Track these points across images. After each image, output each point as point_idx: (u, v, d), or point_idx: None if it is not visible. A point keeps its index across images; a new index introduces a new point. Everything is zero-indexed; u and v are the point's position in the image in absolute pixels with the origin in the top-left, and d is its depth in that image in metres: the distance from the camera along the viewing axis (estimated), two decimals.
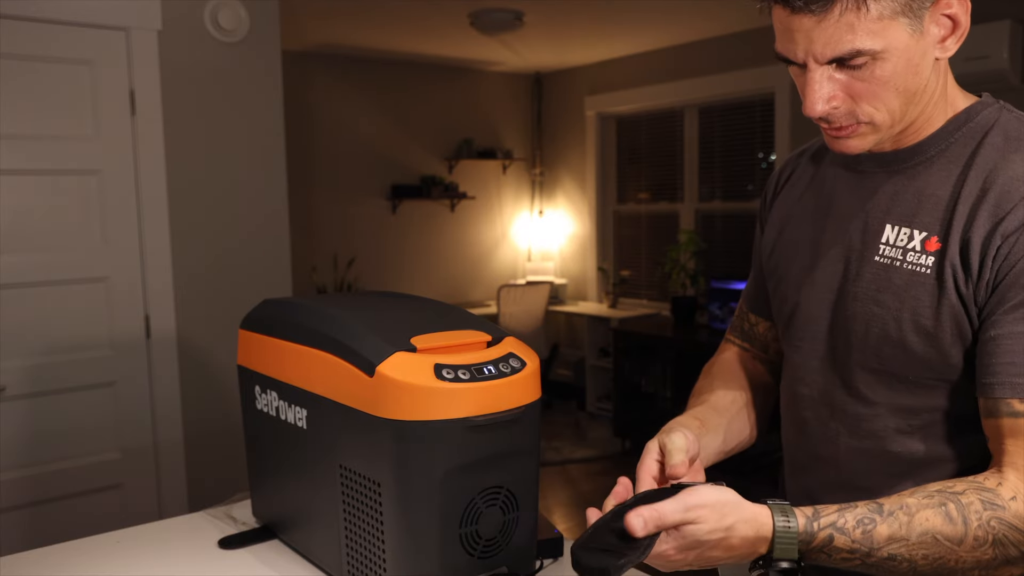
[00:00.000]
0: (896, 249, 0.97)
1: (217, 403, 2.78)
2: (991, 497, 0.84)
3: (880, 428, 1.00)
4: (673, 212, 5.55)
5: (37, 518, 2.50)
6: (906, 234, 0.97)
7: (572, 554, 0.83)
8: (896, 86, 0.90)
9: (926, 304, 0.94)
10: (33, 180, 2.46)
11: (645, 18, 4.57)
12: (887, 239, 0.99)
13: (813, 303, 1.06)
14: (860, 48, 0.87)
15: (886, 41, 0.87)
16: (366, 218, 5.60)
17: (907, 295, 0.95)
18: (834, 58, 0.89)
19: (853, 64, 0.89)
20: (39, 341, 2.49)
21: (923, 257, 0.95)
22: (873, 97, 0.91)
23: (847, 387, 1.03)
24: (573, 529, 3.90)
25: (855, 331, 1.00)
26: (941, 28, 0.90)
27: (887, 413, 0.99)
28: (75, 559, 1.30)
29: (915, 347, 0.95)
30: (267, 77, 2.87)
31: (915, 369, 0.96)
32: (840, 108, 0.92)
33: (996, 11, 3.43)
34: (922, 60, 0.90)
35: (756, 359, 1.26)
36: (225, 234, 2.81)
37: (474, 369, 1.03)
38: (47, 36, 2.44)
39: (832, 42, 0.88)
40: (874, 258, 0.99)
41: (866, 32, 0.86)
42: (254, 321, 1.32)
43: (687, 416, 1.12)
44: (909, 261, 0.96)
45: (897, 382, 0.98)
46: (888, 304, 0.97)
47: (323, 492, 1.15)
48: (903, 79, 0.90)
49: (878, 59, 0.88)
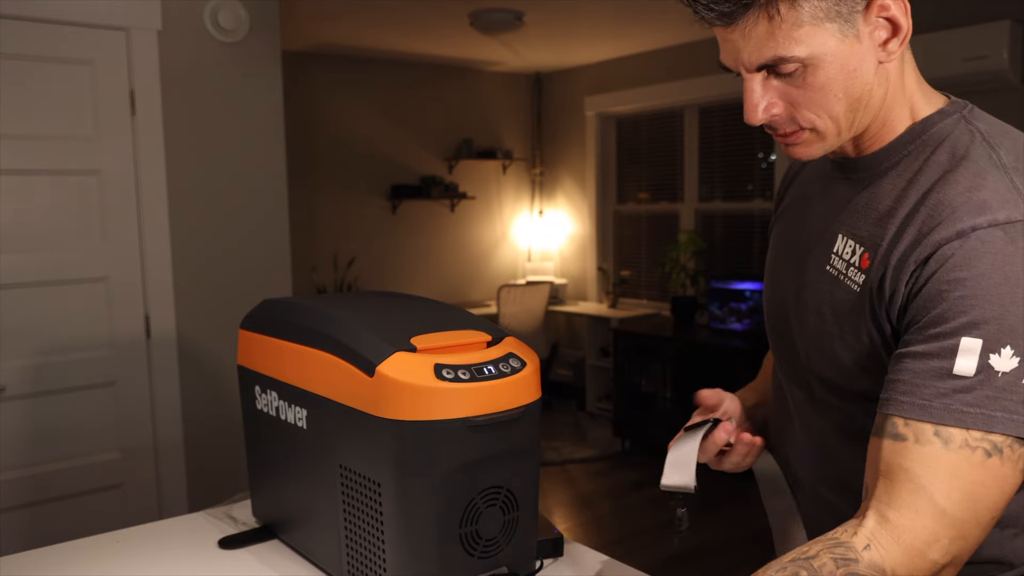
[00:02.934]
0: (842, 262, 0.95)
1: (217, 403, 2.78)
2: (844, 552, 0.80)
3: (829, 428, 1.01)
4: (673, 212, 5.55)
5: (37, 518, 2.50)
6: (851, 247, 0.94)
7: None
8: (834, 92, 0.87)
9: (853, 325, 0.92)
10: (33, 180, 2.46)
11: (645, 18, 4.58)
12: (837, 250, 0.96)
13: (778, 303, 1.08)
14: (782, 55, 0.85)
15: (811, 48, 0.84)
16: (366, 218, 5.60)
17: (841, 311, 0.94)
18: (761, 65, 0.87)
19: (783, 71, 0.87)
20: (39, 341, 2.49)
21: (858, 274, 0.92)
22: (811, 104, 0.89)
23: (800, 386, 1.05)
24: (573, 529, 3.90)
25: (802, 338, 1.01)
26: (881, 31, 0.87)
27: (832, 416, 1.00)
28: (75, 559, 1.30)
29: (848, 363, 0.94)
30: (267, 77, 2.87)
31: (854, 383, 0.95)
32: (780, 115, 0.90)
33: (996, 11, 3.43)
34: (860, 65, 0.87)
35: None
36: (225, 234, 2.81)
37: (474, 369, 1.03)
38: (47, 36, 2.44)
39: (755, 51, 0.86)
40: (825, 267, 0.98)
41: (787, 39, 0.84)
42: (254, 321, 1.32)
43: (743, 391, 1.22)
44: (849, 276, 0.94)
45: (842, 392, 0.97)
46: (827, 318, 0.96)
47: (323, 492, 1.15)
48: (840, 85, 0.87)
49: (809, 65, 0.86)
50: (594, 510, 4.19)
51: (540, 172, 6.42)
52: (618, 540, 3.79)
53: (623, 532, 3.90)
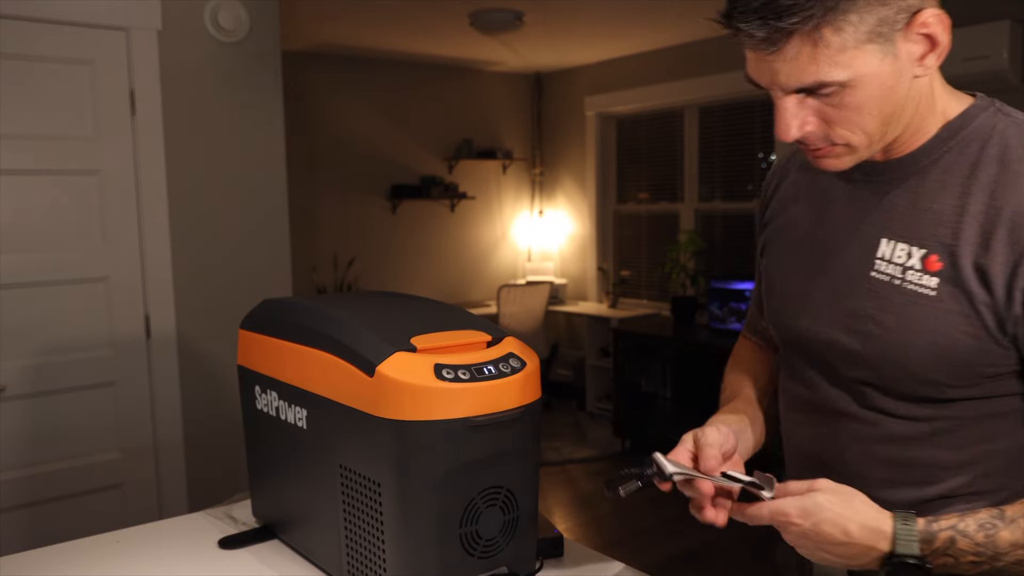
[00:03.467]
0: (893, 266, 0.94)
1: (217, 403, 2.78)
2: None
3: (887, 435, 0.98)
4: (673, 212, 5.55)
5: (37, 518, 2.50)
6: (904, 251, 0.93)
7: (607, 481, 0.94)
8: (870, 111, 0.87)
9: (933, 328, 0.91)
10: (33, 180, 2.46)
11: (645, 18, 4.57)
12: (883, 255, 0.95)
13: (805, 315, 1.04)
14: (824, 80, 0.84)
15: (853, 70, 0.84)
16: (366, 218, 5.60)
17: (910, 317, 0.92)
18: (800, 89, 0.86)
19: (822, 93, 0.86)
20: (39, 341, 2.48)
21: (924, 277, 0.91)
22: (847, 122, 0.88)
23: (853, 397, 1.00)
24: (573, 529, 3.90)
25: (852, 348, 0.97)
26: (919, 46, 0.86)
27: (893, 423, 0.98)
28: (75, 559, 1.30)
29: (922, 370, 0.92)
30: (267, 77, 2.87)
31: (923, 388, 0.94)
32: (814, 132, 0.90)
33: (996, 11, 3.43)
34: (897, 82, 0.87)
35: (775, 351, 1.26)
36: (225, 234, 2.81)
37: (474, 369, 1.03)
38: (47, 36, 2.44)
39: (795, 75, 0.85)
40: (870, 274, 0.96)
41: (829, 64, 0.83)
42: (254, 321, 1.32)
43: (727, 410, 1.12)
44: (910, 280, 0.92)
45: (900, 397, 0.96)
46: (888, 325, 0.94)
47: (323, 492, 1.15)
48: (877, 104, 0.87)
49: (847, 87, 0.85)
50: (594, 510, 4.19)
51: (540, 172, 6.42)
52: (618, 540, 3.79)
53: (623, 532, 3.90)
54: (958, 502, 0.96)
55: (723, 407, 1.15)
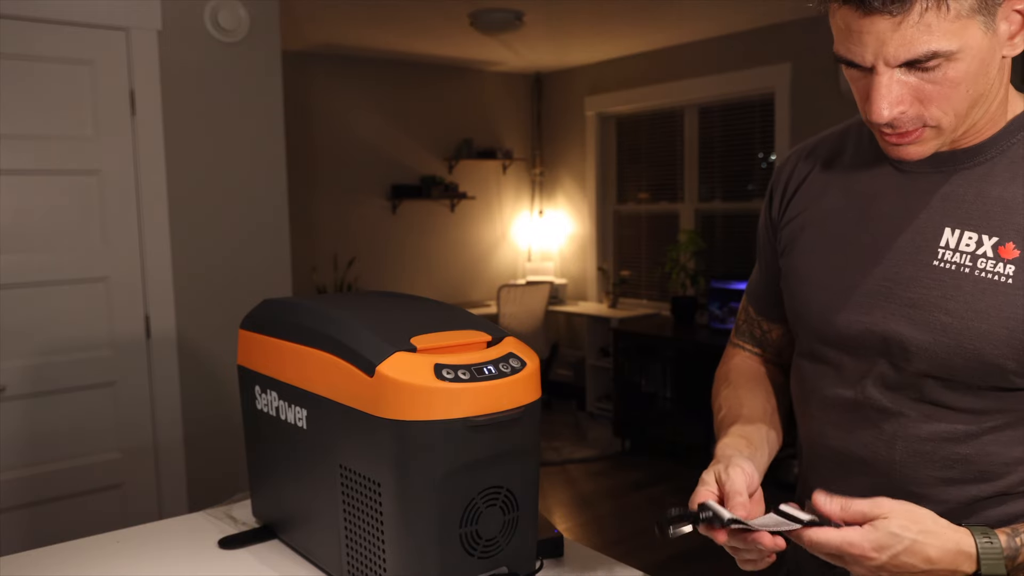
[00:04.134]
0: (961, 255, 0.93)
1: (217, 403, 2.78)
2: None
3: (944, 431, 0.96)
4: (673, 212, 5.55)
5: (37, 518, 2.50)
6: (972, 239, 0.92)
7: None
8: (967, 88, 0.87)
9: (1010, 315, 0.89)
10: (33, 180, 2.46)
11: (645, 18, 4.57)
12: (947, 243, 0.94)
13: (855, 308, 1.00)
14: (936, 50, 0.83)
15: (962, 41, 0.83)
16: (366, 218, 5.60)
17: (983, 304, 0.91)
18: (908, 61, 0.85)
19: (926, 67, 0.85)
20: (39, 341, 2.49)
21: (999, 264, 0.90)
22: (943, 100, 0.87)
23: (905, 392, 0.98)
24: (573, 529, 3.90)
25: (916, 339, 0.95)
26: (1011, 24, 0.87)
27: (952, 417, 0.95)
28: (75, 559, 1.30)
29: (995, 358, 0.90)
30: (267, 77, 2.87)
31: (992, 378, 0.92)
32: (907, 112, 0.88)
33: None
34: (992, 59, 0.87)
35: (771, 363, 1.23)
36: (225, 234, 2.81)
37: (474, 369, 1.03)
38: (47, 36, 2.44)
39: (907, 44, 0.83)
40: (932, 263, 0.94)
41: (943, 32, 0.82)
42: (254, 321, 1.31)
43: (734, 438, 1.05)
44: (981, 268, 0.91)
45: (966, 388, 0.94)
46: (959, 313, 0.92)
47: (323, 492, 1.15)
48: (974, 80, 0.87)
49: (952, 60, 0.84)
50: (594, 510, 4.19)
51: (540, 172, 6.42)
52: (618, 540, 3.79)
53: (623, 532, 3.90)
54: (1015, 500, 0.94)
55: (730, 431, 1.08)
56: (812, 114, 4.53)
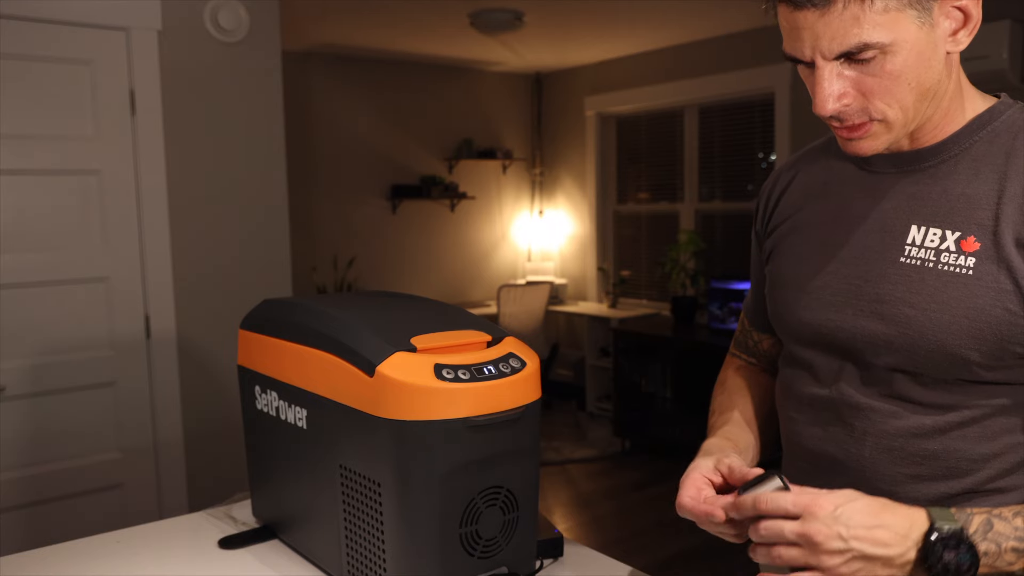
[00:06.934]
0: (926, 250, 0.95)
1: (217, 403, 2.78)
2: None
3: (911, 427, 0.97)
4: (673, 212, 5.55)
5: (37, 518, 2.50)
6: (936, 235, 0.95)
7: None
8: (908, 81, 0.89)
9: (971, 305, 0.91)
10: (33, 180, 2.46)
11: (645, 18, 4.58)
12: (913, 240, 0.96)
13: (826, 307, 1.03)
14: (867, 41, 0.86)
15: (894, 33, 0.86)
16: (366, 218, 5.60)
17: (945, 296, 0.93)
18: (841, 53, 0.88)
19: (862, 59, 0.88)
20: (39, 341, 2.49)
21: (960, 258, 0.93)
22: (885, 93, 0.90)
23: (875, 388, 1.00)
24: (573, 529, 3.90)
25: (883, 334, 0.97)
26: (952, 21, 0.90)
27: (920, 412, 0.97)
28: (75, 559, 1.30)
29: (958, 348, 0.92)
30: (267, 77, 2.87)
31: (957, 370, 0.93)
32: (852, 105, 0.92)
33: (996, 11, 3.43)
34: (933, 54, 0.89)
35: (764, 372, 1.26)
36: (225, 234, 2.81)
37: (474, 369, 1.03)
38: (47, 36, 2.44)
39: (838, 36, 0.87)
40: (899, 259, 0.97)
41: (872, 24, 0.86)
42: (254, 321, 1.32)
43: (719, 438, 1.09)
44: (944, 262, 0.93)
45: (933, 383, 0.96)
46: (922, 306, 0.94)
47: (323, 492, 1.15)
48: (915, 73, 0.89)
49: (887, 52, 0.87)
50: (594, 510, 4.19)
51: (540, 172, 6.42)
52: (618, 540, 3.79)
53: (623, 532, 3.90)
54: (983, 497, 0.96)
55: (718, 432, 1.12)
56: (812, 114, 4.51)
